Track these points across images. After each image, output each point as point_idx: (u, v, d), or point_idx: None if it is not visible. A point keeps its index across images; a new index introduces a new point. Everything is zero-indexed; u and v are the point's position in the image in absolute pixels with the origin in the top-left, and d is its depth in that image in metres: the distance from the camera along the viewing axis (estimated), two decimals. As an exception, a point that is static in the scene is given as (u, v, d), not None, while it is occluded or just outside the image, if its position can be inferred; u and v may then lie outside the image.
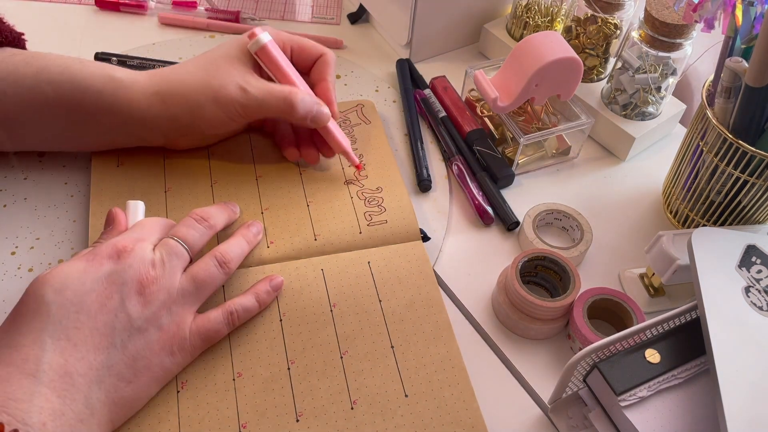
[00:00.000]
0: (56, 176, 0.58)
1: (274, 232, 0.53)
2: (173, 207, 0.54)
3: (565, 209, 0.58)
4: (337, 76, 0.69)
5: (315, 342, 0.48)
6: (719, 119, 0.52)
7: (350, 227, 0.54)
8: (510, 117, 0.62)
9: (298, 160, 0.58)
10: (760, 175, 0.51)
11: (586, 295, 0.51)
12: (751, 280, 0.45)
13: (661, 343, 0.44)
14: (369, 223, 0.54)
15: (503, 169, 0.61)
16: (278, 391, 0.46)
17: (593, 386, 0.45)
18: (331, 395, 0.46)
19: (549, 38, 0.58)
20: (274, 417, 0.45)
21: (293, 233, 0.53)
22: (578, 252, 0.55)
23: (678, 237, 0.52)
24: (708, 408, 0.42)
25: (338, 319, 0.49)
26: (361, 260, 0.52)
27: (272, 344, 0.48)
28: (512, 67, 0.59)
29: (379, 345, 0.48)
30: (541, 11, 0.70)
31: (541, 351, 0.52)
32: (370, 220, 0.55)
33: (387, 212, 0.55)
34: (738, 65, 0.49)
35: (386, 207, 0.56)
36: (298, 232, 0.53)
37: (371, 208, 0.56)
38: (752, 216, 0.55)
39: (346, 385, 0.46)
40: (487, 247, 0.58)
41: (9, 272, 0.52)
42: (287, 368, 0.47)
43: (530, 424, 0.48)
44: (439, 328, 0.49)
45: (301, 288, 0.50)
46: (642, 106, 0.63)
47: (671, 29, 0.57)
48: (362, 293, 0.51)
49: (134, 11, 0.75)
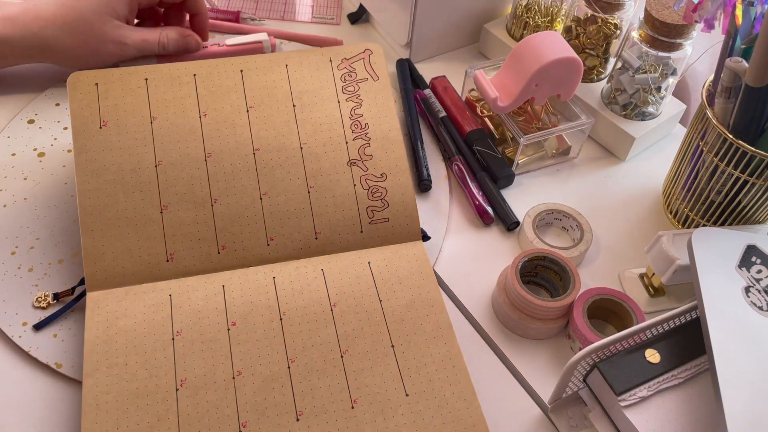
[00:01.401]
0: (56, 176, 0.58)
1: (274, 226, 0.52)
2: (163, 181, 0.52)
3: (565, 209, 0.58)
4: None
5: (315, 341, 0.48)
6: (719, 119, 0.52)
7: (351, 225, 0.53)
8: (510, 117, 0.62)
9: None
10: (760, 175, 0.51)
11: (586, 295, 0.51)
12: (751, 280, 0.45)
13: (661, 343, 0.44)
14: (371, 220, 0.54)
15: (503, 169, 0.61)
16: (278, 390, 0.45)
17: (593, 386, 0.45)
18: (332, 394, 0.46)
19: (549, 38, 0.58)
20: (274, 416, 0.44)
21: (294, 229, 0.52)
22: (578, 252, 0.55)
23: (678, 237, 0.52)
24: (708, 408, 0.42)
25: (338, 319, 0.49)
26: (362, 260, 0.52)
27: (272, 343, 0.47)
28: (512, 67, 0.59)
29: (379, 344, 0.48)
30: (541, 11, 0.70)
31: (541, 351, 0.52)
32: (372, 217, 0.54)
33: (389, 208, 0.54)
34: (738, 65, 0.49)
35: (389, 201, 0.54)
36: (298, 228, 0.52)
37: (374, 201, 0.54)
38: (752, 216, 0.55)
39: (347, 384, 0.46)
40: (487, 247, 0.58)
41: (9, 272, 0.52)
42: (287, 367, 0.46)
43: (530, 424, 0.48)
44: (439, 327, 0.49)
45: (301, 288, 0.50)
46: (642, 106, 0.63)
47: (671, 29, 0.57)
48: (362, 293, 0.50)
49: (134, 11, 0.75)
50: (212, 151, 0.53)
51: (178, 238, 0.50)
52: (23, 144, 0.60)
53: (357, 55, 0.59)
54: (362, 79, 0.58)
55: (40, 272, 0.52)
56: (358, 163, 0.55)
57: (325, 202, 0.53)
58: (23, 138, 0.61)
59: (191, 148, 0.53)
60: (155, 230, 0.50)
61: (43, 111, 0.63)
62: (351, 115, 0.56)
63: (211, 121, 0.54)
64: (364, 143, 0.55)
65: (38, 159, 0.59)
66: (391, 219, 0.54)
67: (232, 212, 0.52)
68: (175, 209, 0.51)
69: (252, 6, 0.78)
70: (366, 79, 0.58)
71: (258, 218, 0.52)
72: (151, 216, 0.51)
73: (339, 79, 0.57)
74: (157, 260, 0.50)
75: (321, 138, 0.55)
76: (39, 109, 0.63)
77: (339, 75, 0.57)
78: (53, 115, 0.63)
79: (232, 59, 0.56)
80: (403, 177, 0.55)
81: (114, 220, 0.50)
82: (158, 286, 0.49)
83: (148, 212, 0.51)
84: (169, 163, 0.52)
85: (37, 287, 0.51)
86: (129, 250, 0.50)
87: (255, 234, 0.52)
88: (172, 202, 0.51)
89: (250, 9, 0.77)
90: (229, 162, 0.53)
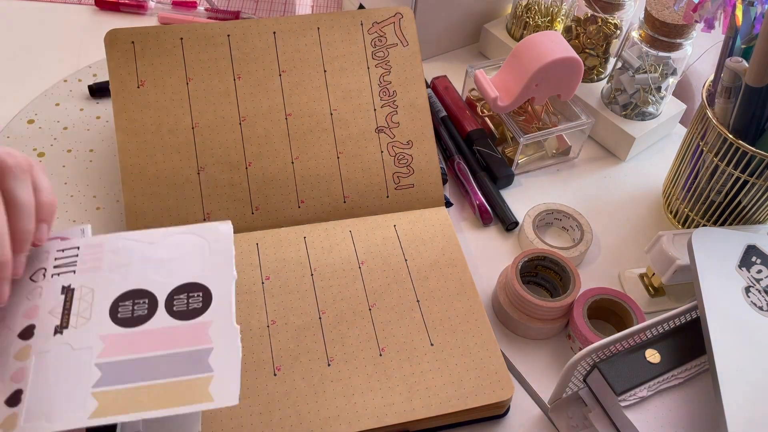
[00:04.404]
0: (56, 176, 0.58)
1: (305, 189, 0.55)
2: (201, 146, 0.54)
3: (565, 209, 0.58)
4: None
5: (345, 295, 0.50)
6: (719, 119, 0.52)
7: (378, 190, 0.56)
8: (510, 117, 0.62)
9: None
10: (760, 175, 0.51)
11: (586, 295, 0.51)
12: (751, 280, 0.45)
13: (661, 343, 0.44)
14: (397, 186, 0.56)
15: (503, 168, 0.61)
16: (310, 338, 0.48)
17: (593, 386, 0.45)
18: (361, 342, 0.48)
19: (549, 38, 0.58)
20: (306, 361, 0.47)
21: (323, 192, 0.55)
22: (578, 252, 0.55)
23: (678, 237, 0.52)
24: (708, 408, 0.42)
25: (366, 276, 0.51)
26: (388, 223, 0.55)
27: (304, 296, 0.50)
28: (512, 66, 0.59)
29: (405, 299, 0.50)
30: (541, 11, 0.70)
31: (541, 351, 0.52)
32: (398, 182, 0.56)
33: (415, 174, 0.56)
34: (738, 65, 0.49)
35: (414, 168, 0.56)
36: (328, 192, 0.55)
37: (400, 168, 0.56)
38: (752, 216, 0.55)
39: (375, 334, 0.48)
40: (486, 247, 0.58)
41: (9, 272, 0.52)
42: (318, 318, 0.49)
43: (530, 424, 0.48)
44: (462, 285, 0.51)
45: (331, 247, 0.53)
46: (642, 106, 0.63)
47: (671, 29, 0.57)
48: (389, 252, 0.53)
49: (134, 11, 0.75)
50: (246, 115, 0.55)
51: (214, 199, 0.53)
52: (23, 144, 0.60)
53: (387, 19, 0.59)
54: (392, 45, 0.59)
55: (40, 272, 0.52)
56: (385, 130, 0.57)
57: (354, 167, 0.56)
58: (23, 138, 0.61)
59: (226, 111, 0.55)
60: (193, 190, 0.53)
61: (43, 111, 0.63)
62: (380, 82, 0.57)
63: (245, 84, 0.55)
64: (392, 111, 0.57)
65: (38, 159, 0.59)
66: (416, 185, 0.56)
67: (266, 175, 0.54)
68: (211, 170, 0.54)
69: (252, 6, 0.78)
70: (396, 44, 0.59)
71: (290, 181, 0.54)
72: (189, 177, 0.53)
73: (369, 44, 0.58)
74: (194, 219, 0.53)
75: (350, 105, 0.57)
76: (39, 109, 0.63)
77: (369, 39, 0.58)
78: (53, 115, 0.63)
79: (265, 20, 0.57)
80: (428, 144, 0.57)
81: (153, 179, 0.53)
82: None
83: (185, 173, 0.53)
84: (206, 125, 0.54)
85: (37, 287, 0.51)
86: (168, 210, 0.53)
87: (287, 196, 0.54)
88: (208, 163, 0.54)
89: (250, 9, 0.77)
90: (263, 126, 0.55)
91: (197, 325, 0.37)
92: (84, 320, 0.37)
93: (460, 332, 0.49)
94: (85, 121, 0.63)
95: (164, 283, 0.39)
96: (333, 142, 0.56)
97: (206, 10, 0.75)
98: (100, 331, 0.37)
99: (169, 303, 0.38)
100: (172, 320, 0.37)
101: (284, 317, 0.49)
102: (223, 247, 0.40)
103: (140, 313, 0.38)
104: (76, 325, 0.37)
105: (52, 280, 0.39)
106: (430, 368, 0.47)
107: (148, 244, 0.40)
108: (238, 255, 0.51)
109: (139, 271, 0.39)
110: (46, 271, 0.39)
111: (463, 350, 0.48)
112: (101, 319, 0.37)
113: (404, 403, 0.45)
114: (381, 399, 0.45)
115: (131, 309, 0.38)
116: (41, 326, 0.37)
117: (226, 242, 0.41)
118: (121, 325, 0.37)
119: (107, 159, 0.60)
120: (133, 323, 0.37)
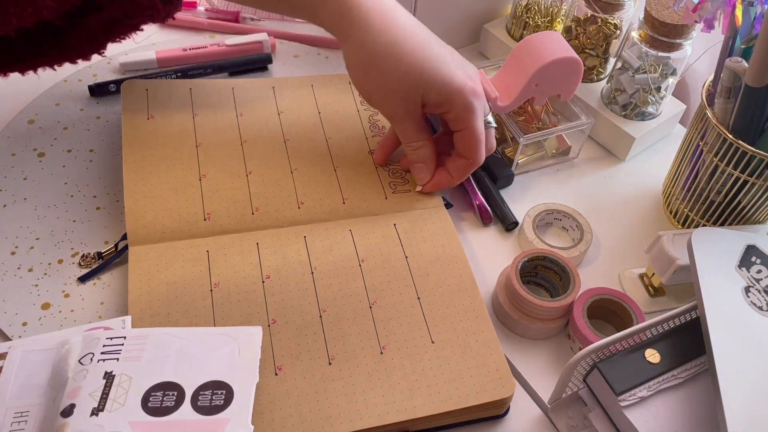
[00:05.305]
0: (56, 176, 0.58)
1: (305, 192, 0.56)
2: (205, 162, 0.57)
3: (565, 209, 0.58)
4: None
5: (345, 293, 0.50)
6: (719, 119, 0.52)
7: (377, 192, 0.57)
8: (510, 117, 0.62)
9: None
10: (760, 175, 0.51)
11: (586, 295, 0.51)
12: (751, 280, 0.45)
13: (661, 343, 0.44)
14: (394, 191, 0.57)
15: (503, 168, 0.61)
16: (311, 337, 0.48)
17: (593, 386, 0.45)
18: (361, 341, 0.48)
19: (549, 38, 0.58)
20: (307, 360, 0.47)
21: (323, 194, 0.56)
22: (578, 252, 0.55)
23: (678, 237, 0.52)
24: (708, 408, 0.42)
25: (367, 273, 0.51)
26: (387, 222, 0.55)
27: (304, 294, 0.50)
28: (512, 67, 0.59)
29: (406, 296, 0.50)
30: (541, 11, 0.70)
31: (541, 351, 0.52)
32: (395, 188, 0.58)
33: (410, 183, 0.58)
34: (738, 65, 0.49)
35: (409, 179, 0.58)
36: (327, 194, 0.56)
37: (395, 179, 0.58)
38: (752, 216, 0.55)
39: (375, 332, 0.48)
40: (486, 247, 0.58)
41: (9, 272, 0.52)
42: (319, 316, 0.49)
43: (530, 424, 0.48)
44: (463, 282, 0.51)
45: (331, 245, 0.53)
46: (642, 106, 0.63)
47: (671, 29, 0.57)
48: (389, 250, 0.53)
49: (134, 11, 0.75)
50: (248, 138, 0.59)
51: (214, 200, 0.55)
52: (23, 144, 0.60)
53: None
54: None
55: (40, 272, 0.52)
56: None
57: (351, 178, 0.58)
58: (23, 138, 0.61)
59: (229, 135, 0.59)
60: (194, 193, 0.55)
61: (43, 111, 0.63)
62: (369, 120, 0.62)
63: (247, 120, 0.61)
64: None
65: (38, 159, 0.59)
66: (413, 190, 0.58)
67: (266, 181, 0.56)
68: (213, 177, 0.56)
69: (252, 6, 0.78)
70: None
71: (289, 186, 0.56)
72: (191, 182, 0.55)
73: (359, 102, 0.64)
74: (195, 219, 0.53)
75: (344, 134, 0.61)
76: (39, 109, 0.63)
77: (359, 98, 0.64)
78: (53, 115, 0.63)
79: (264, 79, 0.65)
80: None
81: (156, 184, 0.55)
82: (196, 243, 0.52)
83: (188, 179, 0.56)
84: (209, 144, 0.58)
85: (37, 287, 0.51)
86: (169, 209, 0.53)
87: (287, 198, 0.56)
88: (210, 172, 0.56)
89: (250, 9, 0.77)
90: (262, 148, 0.58)
91: (216, 421, 0.40)
92: (119, 405, 0.40)
93: (461, 329, 0.49)
94: (85, 121, 0.63)
95: (193, 378, 0.42)
96: (330, 161, 0.59)
97: (206, 10, 0.75)
98: (131, 418, 0.40)
99: (195, 397, 0.41)
100: (195, 414, 0.41)
101: (285, 316, 0.49)
102: (251, 350, 0.44)
103: (168, 404, 0.41)
104: (110, 409, 0.40)
105: (98, 365, 0.42)
106: (431, 366, 0.47)
107: (186, 341, 0.44)
108: (238, 255, 0.52)
109: (174, 365, 0.43)
110: (93, 356, 0.43)
111: (464, 347, 0.48)
112: (134, 406, 0.40)
113: (405, 401, 0.45)
114: (382, 397, 0.45)
115: (161, 399, 0.41)
116: (80, 406, 0.40)
117: (255, 346, 0.45)
118: (150, 414, 0.40)
119: (107, 159, 0.60)
120: (161, 413, 0.40)
